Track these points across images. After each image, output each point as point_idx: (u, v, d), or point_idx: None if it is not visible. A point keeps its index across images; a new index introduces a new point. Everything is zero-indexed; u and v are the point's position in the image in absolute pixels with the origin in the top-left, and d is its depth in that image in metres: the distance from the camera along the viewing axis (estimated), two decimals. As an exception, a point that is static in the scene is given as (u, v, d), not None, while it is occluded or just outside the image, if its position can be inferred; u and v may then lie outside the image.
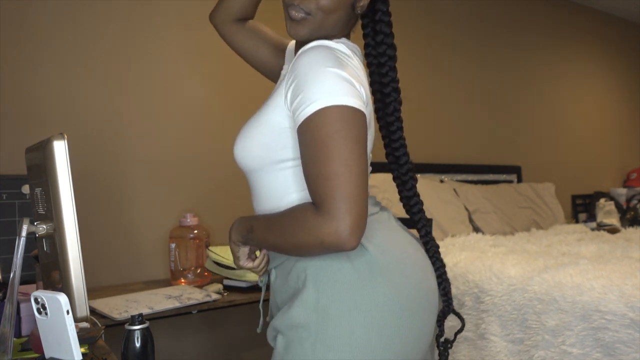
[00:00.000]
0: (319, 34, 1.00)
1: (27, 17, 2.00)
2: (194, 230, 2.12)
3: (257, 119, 0.99)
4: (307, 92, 0.88)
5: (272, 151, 0.97)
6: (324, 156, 0.85)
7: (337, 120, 0.86)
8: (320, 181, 0.85)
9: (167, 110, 2.31)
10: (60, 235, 0.95)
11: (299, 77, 0.90)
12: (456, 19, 3.51)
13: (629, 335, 1.66)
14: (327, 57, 0.90)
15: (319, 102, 0.86)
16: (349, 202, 0.83)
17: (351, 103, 0.87)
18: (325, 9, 0.97)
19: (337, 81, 0.88)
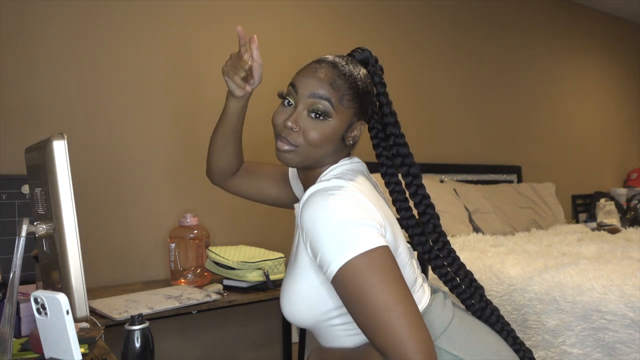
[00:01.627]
0: (308, 162, 1.03)
1: (27, 17, 2.00)
2: (194, 230, 2.12)
3: (294, 279, 0.98)
4: (323, 252, 0.88)
5: (320, 306, 0.97)
6: (365, 310, 0.85)
7: (360, 271, 0.86)
8: (374, 333, 0.85)
9: (168, 110, 2.31)
10: (60, 235, 0.95)
11: (309, 236, 0.91)
12: (456, 18, 3.51)
13: (629, 335, 1.66)
14: (328, 205, 0.90)
15: (337, 260, 0.87)
16: (409, 344, 0.83)
17: (367, 246, 0.87)
18: (313, 143, 0.99)
19: (345, 231, 0.88)
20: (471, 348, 0.98)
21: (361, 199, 0.94)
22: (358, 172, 1.04)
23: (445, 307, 1.04)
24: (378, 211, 0.94)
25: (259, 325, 2.52)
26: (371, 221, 0.91)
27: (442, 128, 3.39)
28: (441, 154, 3.34)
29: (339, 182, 0.96)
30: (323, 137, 1.00)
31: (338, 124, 1.00)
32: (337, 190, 0.93)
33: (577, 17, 4.38)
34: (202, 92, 2.41)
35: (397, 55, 3.09)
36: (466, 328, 1.02)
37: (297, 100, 1.01)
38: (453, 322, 1.01)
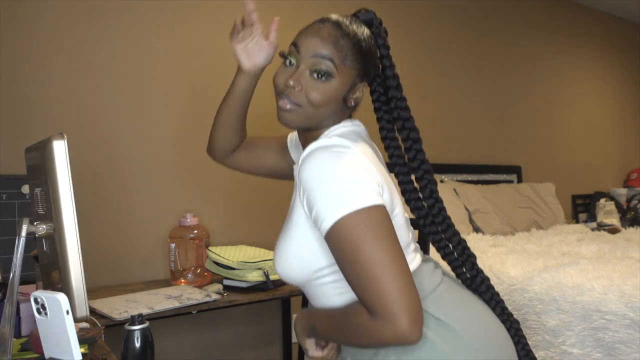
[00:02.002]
0: (310, 124, 1.01)
1: (27, 17, 2.00)
2: (194, 230, 2.12)
3: (289, 234, 0.98)
4: (319, 206, 0.88)
5: (313, 262, 0.97)
6: (356, 266, 0.85)
7: (355, 227, 0.86)
8: (364, 290, 0.85)
9: (168, 110, 2.31)
10: (60, 235, 0.95)
11: (306, 190, 0.90)
12: (457, 19, 3.51)
13: (629, 335, 1.66)
14: (327, 161, 0.90)
15: (332, 216, 0.86)
16: (397, 302, 0.83)
17: (363, 204, 0.87)
18: (315, 104, 0.98)
19: (343, 186, 0.88)
20: (456, 313, 0.97)
21: (361, 158, 0.93)
22: (359, 134, 1.03)
23: (435, 273, 1.04)
24: (377, 172, 0.94)
25: (259, 325, 2.51)
26: (370, 180, 0.90)
27: (442, 128, 3.39)
28: (441, 154, 3.34)
29: (341, 140, 0.95)
30: (325, 98, 0.98)
31: (340, 84, 0.99)
32: (338, 148, 0.93)
33: (577, 17, 4.38)
34: (202, 92, 2.40)
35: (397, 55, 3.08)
36: (453, 294, 1.02)
37: (299, 60, 0.99)
38: (440, 287, 1.01)
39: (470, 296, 1.05)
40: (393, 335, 0.83)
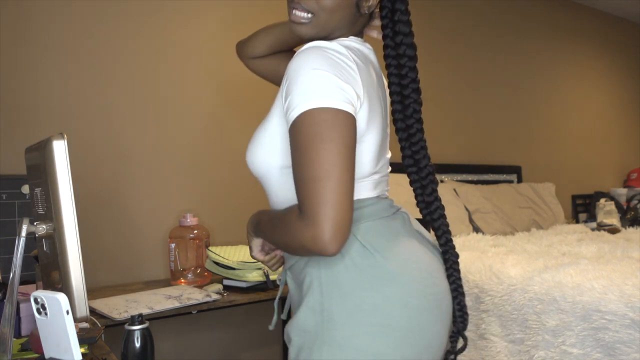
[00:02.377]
0: (323, 33, 0.99)
1: (27, 17, 2.00)
2: (194, 230, 2.12)
3: (264, 125, 0.99)
4: (293, 95, 0.87)
5: (276, 157, 0.97)
6: (304, 160, 0.84)
7: (318, 122, 0.85)
8: (301, 185, 0.85)
9: (168, 111, 2.31)
10: (60, 235, 0.95)
11: (289, 80, 0.89)
12: (456, 19, 3.51)
13: (629, 335, 1.66)
14: (317, 58, 0.89)
15: (301, 106, 0.85)
16: (327, 207, 0.81)
17: (334, 105, 0.86)
18: (327, 9, 0.95)
19: (321, 82, 0.87)
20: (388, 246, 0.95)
21: (351, 67, 0.91)
22: (362, 52, 1.01)
23: (389, 212, 1.01)
24: (363, 87, 0.92)
25: (259, 325, 2.51)
26: (349, 88, 0.89)
27: (442, 128, 3.39)
28: (441, 154, 3.34)
29: (338, 47, 0.93)
30: (337, 3, 0.96)
31: None
32: (332, 51, 0.91)
33: (577, 17, 4.38)
34: (203, 93, 2.41)
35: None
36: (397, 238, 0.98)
37: None
38: (385, 222, 0.98)
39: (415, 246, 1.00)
40: (311, 239, 0.82)
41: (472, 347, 2.06)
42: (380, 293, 0.91)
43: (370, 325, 0.90)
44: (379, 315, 0.90)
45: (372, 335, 0.89)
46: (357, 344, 0.89)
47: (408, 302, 0.92)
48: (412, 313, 0.92)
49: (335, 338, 0.90)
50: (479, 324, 2.05)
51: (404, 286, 0.93)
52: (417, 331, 0.92)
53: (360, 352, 0.89)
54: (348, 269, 0.92)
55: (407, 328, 0.91)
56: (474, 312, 2.09)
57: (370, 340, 0.89)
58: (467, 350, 2.07)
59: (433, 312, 0.95)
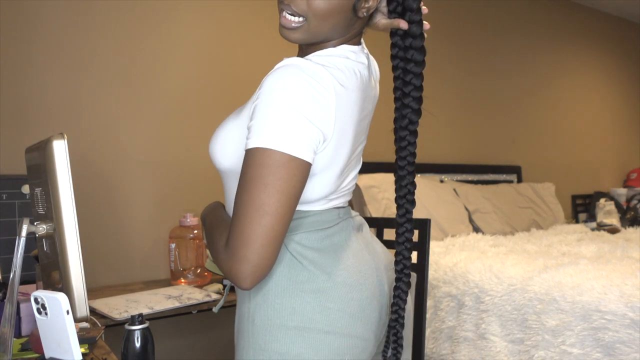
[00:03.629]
0: (315, 39, 0.92)
1: (27, 17, 2.00)
2: (194, 230, 2.12)
3: (231, 123, 0.96)
4: (257, 121, 0.83)
5: (232, 160, 0.94)
6: (243, 196, 0.83)
7: (267, 164, 0.82)
8: (234, 218, 0.84)
9: (168, 111, 2.31)
10: (60, 235, 0.95)
11: (258, 100, 0.85)
12: (456, 18, 3.51)
13: (629, 335, 1.66)
14: (293, 87, 0.83)
15: (259, 139, 0.82)
16: (249, 249, 0.82)
17: (292, 151, 0.82)
18: (320, 13, 0.87)
19: (287, 123, 0.82)
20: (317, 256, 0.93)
21: (328, 99, 0.85)
22: (355, 69, 0.92)
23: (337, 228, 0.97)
24: (336, 121, 0.86)
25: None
26: (316, 130, 0.84)
27: (442, 128, 3.39)
28: (441, 154, 3.34)
29: (321, 71, 0.85)
30: (330, 6, 0.86)
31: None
32: (312, 78, 0.84)
33: (577, 17, 4.38)
34: (203, 93, 2.41)
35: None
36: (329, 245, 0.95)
37: None
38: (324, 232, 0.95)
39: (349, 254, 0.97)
40: (229, 272, 0.84)
41: (472, 347, 2.07)
42: (300, 298, 0.92)
43: (288, 329, 0.91)
44: (297, 319, 0.91)
45: (291, 338, 0.91)
46: (277, 347, 0.91)
47: (327, 306, 0.92)
48: (331, 317, 0.92)
49: (258, 342, 0.92)
50: (479, 324, 2.05)
51: (324, 292, 0.93)
52: (338, 334, 0.93)
53: (281, 354, 0.91)
54: (273, 278, 0.93)
55: (327, 331, 0.92)
56: (473, 312, 2.09)
57: (290, 343, 0.91)
58: (467, 350, 2.07)
59: (355, 316, 0.95)
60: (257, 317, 0.93)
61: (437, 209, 2.84)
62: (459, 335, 2.10)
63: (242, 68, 2.48)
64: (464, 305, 2.12)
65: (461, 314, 2.11)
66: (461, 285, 2.14)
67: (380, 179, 2.77)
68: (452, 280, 2.18)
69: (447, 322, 2.17)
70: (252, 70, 2.36)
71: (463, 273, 2.17)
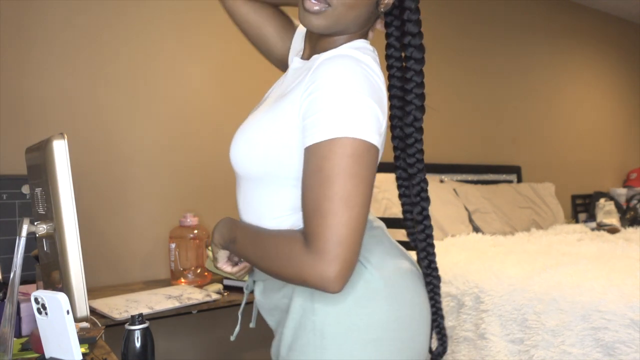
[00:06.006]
0: (336, 28, 0.89)
1: (27, 17, 2.00)
2: (194, 230, 2.12)
3: (260, 122, 0.90)
4: (325, 114, 0.80)
5: (265, 163, 0.89)
6: (326, 191, 0.78)
7: (348, 155, 0.78)
8: (316, 216, 0.79)
9: (168, 111, 2.31)
10: (60, 235, 0.95)
11: (320, 91, 0.81)
12: (455, 19, 3.51)
13: (628, 335, 1.66)
14: (356, 76, 0.82)
15: (334, 130, 0.79)
16: (341, 246, 0.77)
17: (369, 138, 0.80)
18: (348, 3, 0.86)
19: (361, 111, 0.80)
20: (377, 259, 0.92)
21: (382, 86, 0.86)
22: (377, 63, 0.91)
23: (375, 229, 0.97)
24: (385, 116, 0.87)
25: (259, 325, 2.51)
26: (382, 116, 0.83)
27: (442, 128, 3.39)
28: (441, 154, 3.34)
29: (370, 61, 0.86)
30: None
31: None
32: (368, 68, 0.84)
33: (576, 17, 4.38)
34: (203, 93, 2.41)
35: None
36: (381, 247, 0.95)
37: None
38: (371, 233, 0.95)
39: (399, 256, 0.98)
40: (318, 276, 0.78)
41: (472, 346, 2.07)
42: (375, 307, 0.88)
43: (365, 342, 0.87)
44: (373, 331, 0.87)
45: (367, 352, 0.87)
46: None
47: (400, 314, 0.90)
48: (403, 324, 0.90)
49: (331, 357, 0.87)
50: (479, 324, 2.05)
51: (396, 298, 0.91)
52: (408, 341, 0.91)
53: None
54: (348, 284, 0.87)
55: (400, 339, 0.90)
56: (473, 312, 2.09)
57: (365, 357, 0.87)
58: (467, 350, 2.07)
59: (420, 322, 0.94)
60: (330, 329, 0.87)
61: (437, 209, 2.84)
62: (459, 335, 2.10)
63: (243, 68, 2.47)
64: (463, 305, 2.12)
65: (461, 313, 2.12)
66: (461, 285, 2.14)
67: (380, 178, 2.77)
68: (452, 280, 2.17)
69: (447, 322, 2.17)
70: (253, 71, 2.36)
71: (463, 273, 2.17)
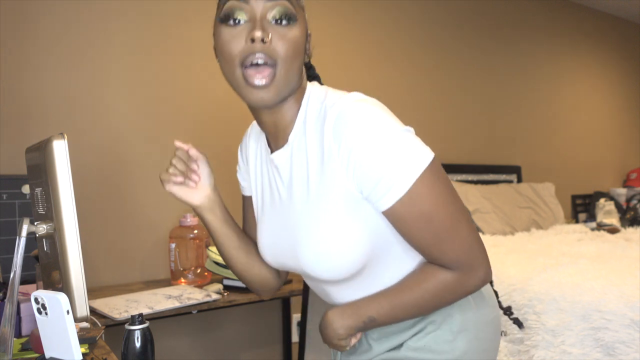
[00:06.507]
0: (285, 92, 0.82)
1: (27, 17, 2.00)
2: (194, 230, 2.12)
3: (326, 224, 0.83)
4: (388, 173, 0.76)
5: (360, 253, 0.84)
6: (436, 224, 0.80)
7: (430, 185, 0.79)
8: (445, 246, 0.81)
9: (168, 110, 2.31)
10: (60, 235, 0.95)
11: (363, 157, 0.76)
12: (455, 19, 3.51)
13: (628, 335, 1.66)
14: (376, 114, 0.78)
15: (407, 179, 0.77)
16: (478, 248, 0.83)
17: (428, 155, 0.80)
18: (289, 55, 0.79)
19: (406, 142, 0.78)
20: None
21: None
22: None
23: None
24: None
25: (259, 325, 2.52)
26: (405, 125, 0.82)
27: (442, 128, 3.39)
28: (441, 154, 3.33)
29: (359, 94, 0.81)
30: (296, 46, 0.80)
31: (301, 30, 0.81)
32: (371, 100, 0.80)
33: (576, 17, 4.38)
34: (203, 92, 2.41)
35: (396, 56, 3.09)
36: None
37: (252, 10, 0.78)
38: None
39: None
40: (481, 281, 0.84)
41: (472, 347, 2.06)
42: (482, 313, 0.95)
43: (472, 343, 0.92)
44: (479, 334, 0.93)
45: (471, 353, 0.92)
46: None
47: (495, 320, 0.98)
48: (498, 334, 0.98)
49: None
50: (479, 324, 2.05)
51: (495, 307, 0.98)
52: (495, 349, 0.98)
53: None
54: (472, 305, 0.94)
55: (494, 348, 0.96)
56: (473, 312, 2.09)
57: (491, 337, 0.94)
58: (467, 350, 2.07)
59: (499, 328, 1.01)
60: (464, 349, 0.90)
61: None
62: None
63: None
64: (463, 305, 2.12)
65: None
66: (461, 285, 2.14)
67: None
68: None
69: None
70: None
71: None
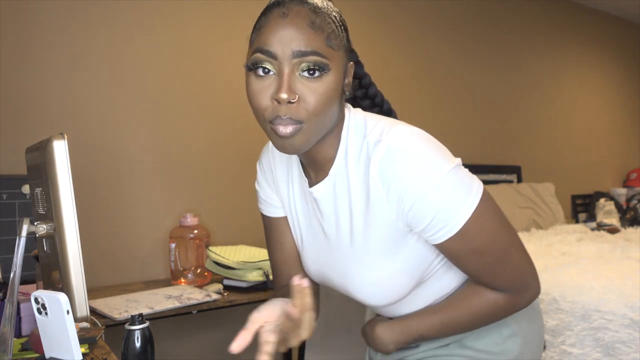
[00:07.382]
0: (315, 138, 0.80)
1: (27, 17, 2.00)
2: (194, 230, 2.12)
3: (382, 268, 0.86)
4: (441, 212, 0.77)
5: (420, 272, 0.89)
6: (491, 254, 0.82)
7: (487, 217, 0.80)
8: (496, 274, 0.84)
9: (168, 111, 2.31)
10: (60, 235, 0.95)
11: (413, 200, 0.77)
12: (456, 18, 3.51)
13: (628, 335, 1.66)
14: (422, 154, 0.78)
15: (462, 215, 0.78)
16: (529, 270, 0.87)
17: (480, 189, 0.81)
18: (319, 111, 0.76)
19: (458, 180, 0.78)
20: None
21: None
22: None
23: None
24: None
25: (259, 325, 2.51)
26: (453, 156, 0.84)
27: (441, 128, 3.39)
28: (441, 154, 3.33)
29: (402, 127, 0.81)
30: (327, 98, 0.76)
31: (336, 74, 0.77)
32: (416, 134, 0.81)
33: (576, 17, 4.38)
34: (204, 92, 2.41)
35: (396, 55, 3.09)
36: None
37: (280, 65, 0.75)
38: None
39: None
40: (531, 299, 0.88)
41: (472, 347, 2.06)
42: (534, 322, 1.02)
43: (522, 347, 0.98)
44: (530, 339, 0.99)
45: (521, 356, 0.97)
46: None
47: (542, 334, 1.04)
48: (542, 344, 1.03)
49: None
50: (479, 324, 2.05)
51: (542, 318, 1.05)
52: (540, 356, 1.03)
53: None
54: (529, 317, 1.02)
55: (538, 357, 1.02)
56: (473, 312, 2.09)
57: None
58: (467, 350, 2.07)
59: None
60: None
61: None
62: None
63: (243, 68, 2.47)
64: (463, 305, 2.12)
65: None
66: (461, 285, 2.14)
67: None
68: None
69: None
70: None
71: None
